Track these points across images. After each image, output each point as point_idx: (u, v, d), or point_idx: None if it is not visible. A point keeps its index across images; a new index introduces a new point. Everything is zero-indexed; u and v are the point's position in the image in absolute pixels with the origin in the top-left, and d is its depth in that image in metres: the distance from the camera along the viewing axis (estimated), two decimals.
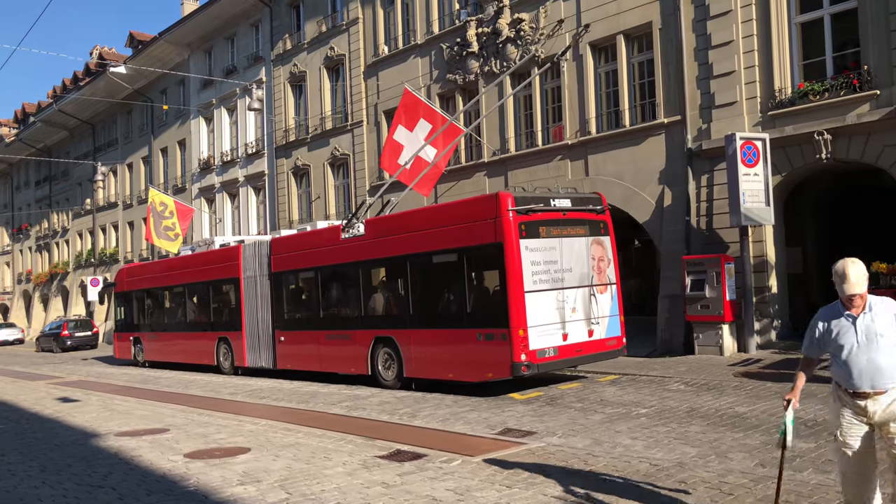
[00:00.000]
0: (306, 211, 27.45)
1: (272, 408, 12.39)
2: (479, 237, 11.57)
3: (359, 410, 11.47)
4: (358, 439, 8.98)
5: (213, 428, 10.39)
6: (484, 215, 11.49)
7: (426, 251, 12.67)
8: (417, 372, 12.95)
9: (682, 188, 15.63)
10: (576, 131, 17.87)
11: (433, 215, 12.77)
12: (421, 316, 12.93)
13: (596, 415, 9.69)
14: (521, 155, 19.21)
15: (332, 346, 14.98)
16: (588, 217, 12.32)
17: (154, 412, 12.46)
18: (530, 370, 11.12)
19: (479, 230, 11.54)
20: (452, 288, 12.51)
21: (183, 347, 20.49)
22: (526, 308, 11.10)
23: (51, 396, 15.84)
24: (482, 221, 11.51)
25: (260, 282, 17.09)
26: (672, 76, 15.92)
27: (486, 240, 11.44)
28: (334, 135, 25.64)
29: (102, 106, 42.10)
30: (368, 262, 14.07)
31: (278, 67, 28.19)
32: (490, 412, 10.45)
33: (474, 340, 11.66)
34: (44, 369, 24.33)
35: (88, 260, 44.79)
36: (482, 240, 11.51)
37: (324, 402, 12.65)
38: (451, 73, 20.98)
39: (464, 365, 11.95)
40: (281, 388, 14.90)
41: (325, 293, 15.41)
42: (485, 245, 11.50)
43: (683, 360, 13.95)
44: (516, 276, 11.09)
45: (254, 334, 17.39)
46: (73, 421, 11.91)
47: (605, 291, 12.33)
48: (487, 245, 11.45)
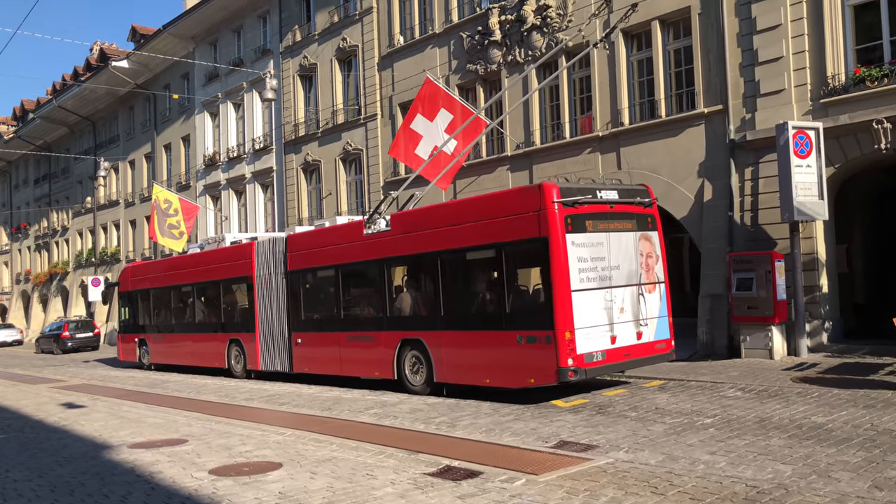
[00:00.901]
0: (316, 208, 26.63)
1: (295, 415, 11.56)
2: (519, 231, 10.75)
3: (390, 419, 10.64)
4: (399, 452, 8.16)
5: (236, 438, 9.56)
6: (526, 208, 10.67)
7: (459, 247, 11.85)
8: (449, 377, 12.13)
9: (724, 182, 14.82)
10: (607, 122, 17.05)
11: (467, 209, 11.94)
12: (453, 317, 12.11)
13: (657, 425, 8.87)
14: (547, 148, 18.39)
15: (354, 349, 14.15)
16: (635, 210, 11.50)
17: (167, 420, 11.63)
18: (577, 376, 10.29)
19: (521, 224, 10.72)
20: (489, 287, 11.69)
21: (191, 350, 19.66)
22: (573, 308, 10.27)
23: (54, 402, 15.02)
24: (524, 214, 10.68)
25: (275, 280, 16.26)
26: (713, 63, 15.11)
27: (528, 234, 10.62)
28: (346, 129, 24.82)
29: (103, 102, 41.31)
30: (394, 258, 13.24)
31: (287, 60, 27.37)
32: (536, 422, 9.63)
33: (514, 343, 10.84)
34: (45, 372, 23.50)
35: (89, 259, 43.95)
36: (523, 234, 10.69)
37: (349, 409, 11.82)
38: (472, 63, 20.16)
39: (502, 370, 11.12)
40: (300, 394, 14.08)
41: (346, 292, 14.58)
42: (526, 240, 10.67)
43: (731, 364, 13.13)
44: (562, 273, 10.27)
45: (268, 336, 16.56)
46: (81, 430, 11.08)
47: (653, 291, 11.51)
48: (530, 240, 10.62)
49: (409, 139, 16.95)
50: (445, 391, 12.37)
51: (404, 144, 16.96)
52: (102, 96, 40.69)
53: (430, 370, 12.40)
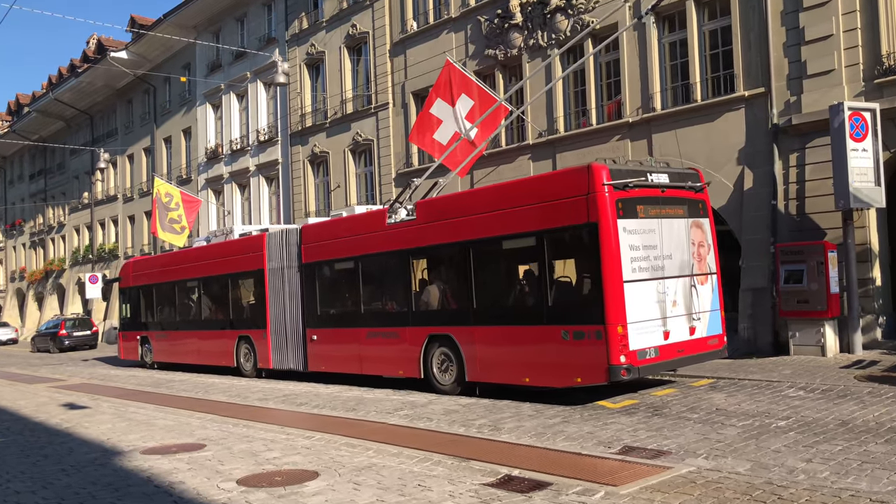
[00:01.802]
0: (324, 201, 25.73)
1: (318, 417, 10.68)
2: (565, 217, 9.89)
3: (423, 421, 9.78)
4: (447, 459, 7.29)
5: (259, 443, 8.68)
6: (572, 191, 9.81)
7: (494, 236, 10.98)
8: (482, 375, 11.27)
9: (767, 169, 13.99)
10: (637, 108, 16.21)
11: (504, 194, 11.07)
12: (487, 311, 11.25)
13: (727, 428, 8.02)
14: (571, 135, 17.54)
15: (376, 346, 13.28)
16: (687, 196, 10.66)
17: (179, 422, 10.75)
18: (630, 374, 9.44)
19: (566, 209, 9.86)
20: (528, 278, 10.84)
21: (197, 347, 18.75)
22: (625, 301, 9.42)
23: (55, 402, 14.12)
24: (570, 199, 9.82)
25: (288, 274, 15.37)
26: (753, 44, 14.27)
27: (574, 220, 9.76)
28: (356, 119, 23.92)
29: (101, 94, 40.32)
30: (420, 249, 12.37)
31: (293, 48, 26.46)
32: (589, 424, 8.78)
33: (558, 339, 9.98)
34: (42, 371, 22.57)
35: (86, 256, 42.95)
36: (569, 220, 9.83)
37: (375, 410, 10.95)
38: (491, 47, 19.30)
39: (544, 368, 10.27)
40: (318, 394, 13.20)
41: (366, 286, 13.70)
42: (573, 226, 9.82)
43: (780, 362, 12.30)
44: (614, 262, 9.42)
45: (280, 333, 15.67)
46: (87, 433, 10.19)
47: (705, 282, 10.68)
48: (576, 226, 9.77)
49: (428, 124, 16.09)
50: (478, 391, 11.50)
51: (424, 130, 16.09)
52: (100, 89, 39.73)
53: (461, 368, 11.54)
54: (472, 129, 14.91)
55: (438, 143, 16.06)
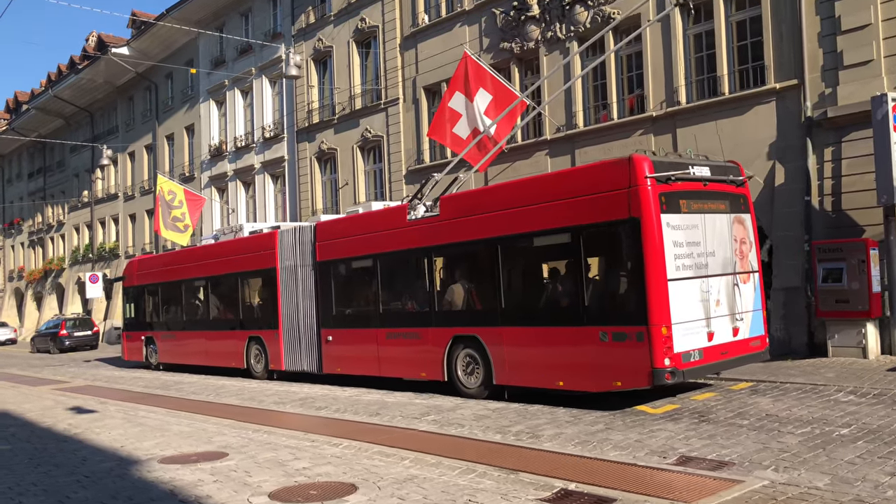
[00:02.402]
0: (331, 199, 25.18)
1: (341, 422, 10.14)
2: (603, 212, 9.37)
3: (454, 427, 9.24)
4: (492, 470, 6.77)
5: (285, 451, 8.14)
6: (611, 185, 9.29)
7: (525, 232, 10.46)
8: (511, 378, 10.74)
9: (800, 163, 13.49)
10: (661, 102, 15.69)
11: (536, 188, 10.54)
12: (516, 311, 10.73)
13: (786, 436, 7.51)
14: (591, 130, 17.02)
15: (396, 347, 12.75)
16: (728, 190, 10.15)
17: (195, 428, 10.21)
18: (674, 378, 8.92)
19: (605, 203, 9.34)
20: (562, 276, 10.31)
21: (205, 348, 18.19)
22: (669, 300, 8.90)
23: (60, 406, 13.57)
24: (609, 193, 9.30)
25: (302, 273, 14.83)
26: (785, 35, 13.77)
27: (614, 215, 9.24)
28: (365, 115, 23.38)
29: (101, 91, 39.72)
30: (444, 247, 11.84)
31: (300, 43, 25.90)
32: (634, 431, 8.25)
33: (595, 341, 9.46)
34: (44, 373, 22.00)
35: (86, 255, 42.34)
36: (608, 215, 9.31)
37: (401, 414, 10.41)
38: (506, 40, 18.78)
39: (579, 371, 9.74)
40: (336, 397, 12.66)
41: (385, 285, 13.16)
42: (612, 222, 9.30)
43: (820, 364, 11.80)
44: (657, 259, 8.90)
45: (293, 333, 15.13)
46: (98, 439, 9.65)
47: (748, 281, 10.17)
48: (616, 222, 9.24)
49: (447, 118, 15.56)
50: (507, 394, 10.97)
51: (443, 124, 15.56)
52: (100, 86, 39.12)
53: (489, 371, 11.02)
54: (492, 125, 14.37)
55: (458, 138, 15.56)
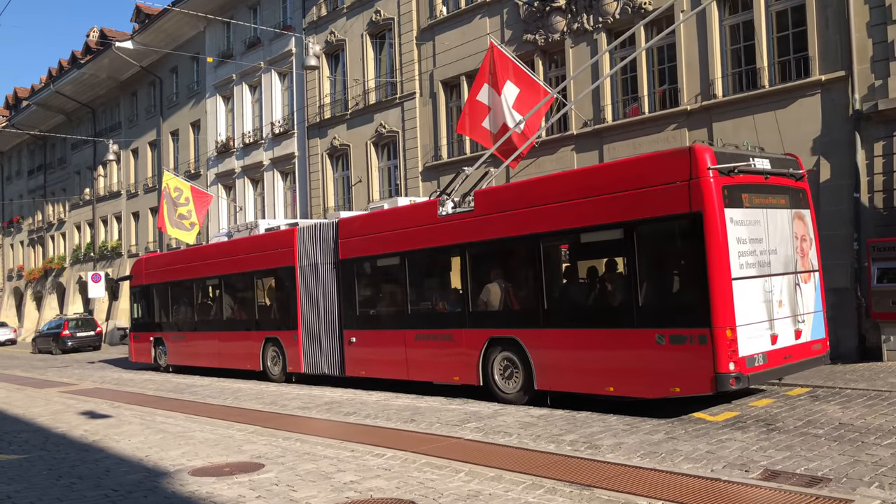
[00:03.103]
0: (344, 196, 24.58)
1: (376, 430, 9.54)
2: (660, 206, 8.79)
3: (501, 435, 8.66)
4: (561, 485, 6.19)
5: (325, 462, 7.56)
6: (669, 177, 8.72)
7: (570, 228, 9.88)
8: (555, 383, 10.16)
9: (847, 158, 12.93)
10: (695, 95, 15.13)
11: (583, 181, 9.97)
12: (560, 311, 10.16)
13: (873, 448, 6.95)
14: (621, 125, 16.45)
15: (425, 349, 12.17)
16: (788, 184, 9.60)
17: (219, 435, 9.61)
18: (739, 384, 8.36)
19: (662, 197, 8.77)
20: (612, 275, 9.74)
21: (218, 349, 17.58)
22: (734, 300, 8.33)
23: (71, 409, 12.97)
24: (666, 185, 8.73)
25: (323, 271, 14.24)
26: (831, 24, 13.21)
27: (672, 209, 8.67)
28: (379, 110, 22.79)
29: (104, 87, 39.07)
30: (479, 243, 11.25)
31: (311, 36, 25.26)
32: (701, 441, 7.68)
33: (651, 344, 8.88)
34: (49, 374, 21.38)
35: (87, 254, 41.68)
36: (666, 210, 8.74)
37: (438, 421, 9.81)
38: (529, 32, 18.20)
39: (632, 376, 9.16)
40: (363, 401, 12.07)
41: (414, 284, 12.59)
42: (671, 217, 8.73)
43: (877, 368, 11.26)
44: (721, 256, 8.33)
45: (314, 334, 14.54)
46: (118, 447, 9.05)
47: (809, 280, 9.61)
48: (675, 216, 8.67)
49: (476, 112, 14.98)
50: (549, 400, 10.39)
51: (472, 118, 14.97)
52: (103, 81, 38.47)
53: (529, 375, 10.44)
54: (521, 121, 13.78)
55: (487, 132, 14.96)
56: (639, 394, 9.19)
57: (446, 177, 19.90)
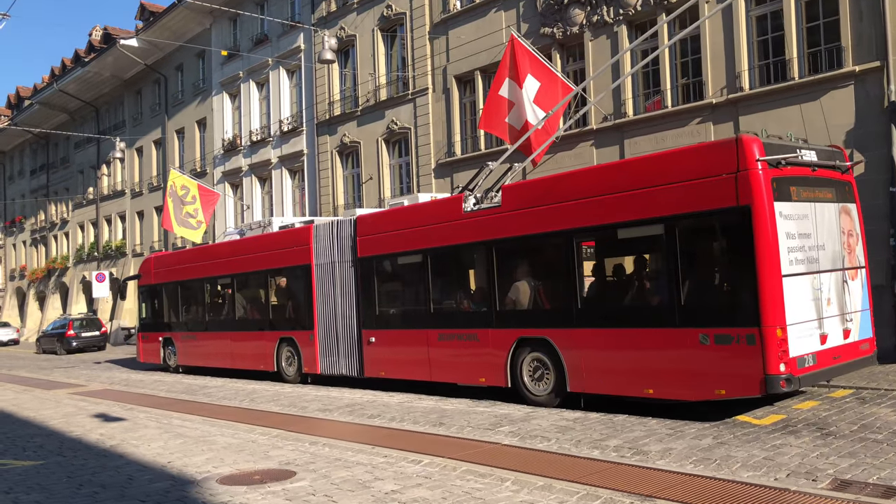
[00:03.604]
0: (353, 194, 24.19)
1: (404, 434, 9.14)
2: (704, 200, 8.40)
3: (538, 440, 8.27)
4: (620, 496, 5.82)
5: (360, 470, 7.17)
6: (714, 169, 8.33)
7: (607, 223, 9.48)
8: (589, 385, 9.77)
9: (883, 152, 12.56)
10: (721, 88, 14.74)
11: (620, 174, 9.57)
12: (596, 310, 9.76)
13: None
14: (642, 119, 16.06)
15: (449, 350, 11.78)
16: (835, 177, 9.22)
17: (242, 439, 9.23)
18: (790, 386, 7.97)
19: (707, 190, 8.38)
20: (652, 272, 9.37)
21: (230, 350, 17.19)
22: (783, 298, 7.94)
23: (84, 412, 12.60)
24: (711, 178, 8.34)
25: (340, 269, 13.86)
26: (865, 13, 12.83)
27: (718, 203, 8.28)
28: (391, 106, 22.40)
29: (108, 85, 38.67)
30: (508, 240, 10.86)
31: (326, 30, 24.86)
32: (755, 447, 7.28)
33: (694, 344, 8.49)
34: (55, 375, 20.99)
35: (91, 254, 41.30)
36: (711, 204, 8.35)
37: (469, 425, 9.42)
38: (547, 25, 17.80)
39: (673, 377, 8.77)
40: (386, 404, 11.68)
41: (437, 282, 12.20)
42: (716, 211, 8.34)
43: None
44: (771, 252, 7.95)
45: (330, 334, 14.16)
46: (139, 453, 8.66)
47: (856, 278, 9.23)
48: (721, 211, 8.28)
49: (497, 107, 14.60)
50: (583, 403, 10.00)
51: (494, 113, 14.58)
52: (107, 79, 38.08)
53: (562, 377, 10.05)
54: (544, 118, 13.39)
55: (512, 127, 14.57)
56: (680, 396, 8.80)
57: (460, 174, 19.59)
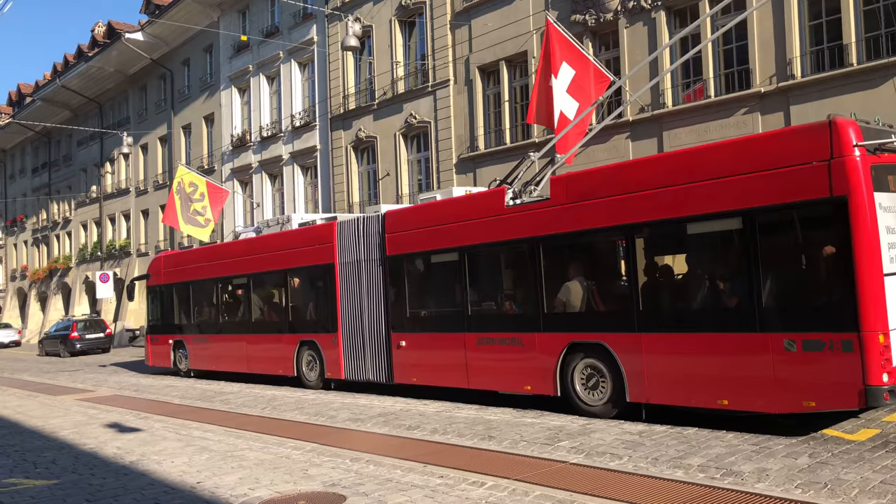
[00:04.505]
0: (369, 191, 23.38)
1: (452, 448, 8.28)
2: (791, 191, 7.58)
3: (607, 458, 7.40)
4: None
5: (419, 494, 6.35)
6: (803, 156, 7.51)
7: (674, 217, 8.65)
8: (651, 395, 8.95)
9: None
10: (770, 76, 13.93)
11: (689, 163, 8.72)
12: (659, 313, 8.96)
13: None
14: (683, 110, 15.28)
15: (489, 355, 10.96)
16: None
17: (274, 455, 8.40)
18: (894, 398, 7.13)
19: (794, 180, 7.56)
20: (727, 270, 8.54)
21: (246, 353, 16.37)
22: (885, 300, 7.11)
23: (95, 421, 11.77)
24: (800, 166, 7.51)
25: (367, 268, 13.05)
26: None
27: (808, 194, 7.46)
28: (410, 99, 21.59)
29: (112, 81, 37.92)
30: (557, 236, 10.04)
31: (334, 24, 24.10)
32: (864, 468, 6.45)
33: (777, 350, 7.67)
34: (60, 379, 20.17)
35: (94, 254, 40.53)
36: (799, 195, 7.52)
37: (521, 439, 8.55)
38: (578, 12, 17.03)
39: (753, 387, 7.94)
40: (422, 413, 10.84)
41: (475, 282, 11.38)
42: (805, 203, 7.51)
43: None
44: (871, 249, 7.13)
45: (356, 337, 13.35)
46: (162, 471, 7.82)
47: None
48: (811, 202, 7.46)
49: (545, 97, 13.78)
50: (644, 414, 9.17)
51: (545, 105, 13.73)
52: (110, 75, 37.33)
53: (620, 385, 9.23)
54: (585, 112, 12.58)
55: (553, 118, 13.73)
56: (760, 408, 7.97)
57: (484, 169, 18.80)
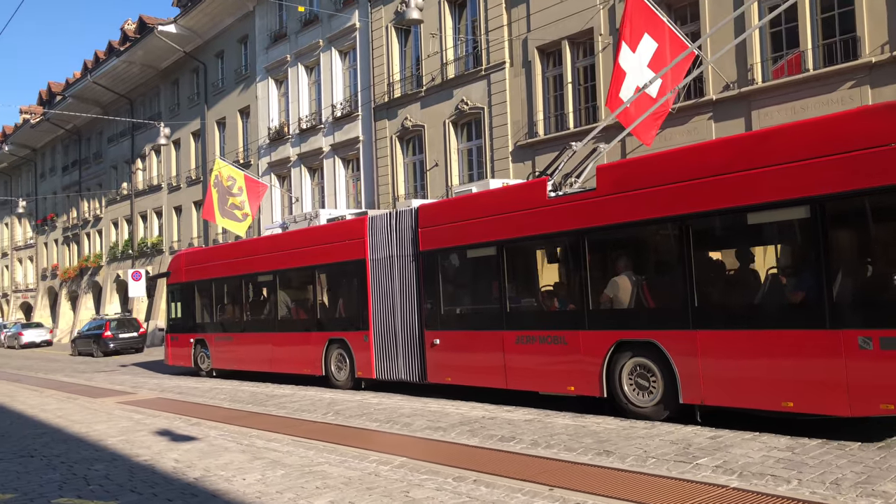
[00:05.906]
0: (416, 183, 23.51)
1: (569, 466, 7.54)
2: (867, 176, 7.54)
3: (770, 481, 6.56)
4: None
5: None
6: (879, 138, 7.43)
7: (733, 207, 8.64)
8: (707, 396, 8.89)
9: None
10: (882, 44, 13.58)
11: (750, 148, 8.64)
12: (717, 309, 8.97)
13: None
14: (775, 86, 15.08)
15: (530, 355, 11.05)
16: None
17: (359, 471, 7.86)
18: None
19: (868, 164, 7.51)
20: (792, 263, 8.54)
21: (271, 352, 16.66)
22: None
23: (143, 427, 11.61)
24: (875, 149, 7.42)
25: (399, 264, 13.21)
26: None
27: (884, 180, 7.34)
28: (461, 84, 21.66)
29: (143, 76, 38.90)
30: (603, 229, 10.06)
31: (378, 8, 24.37)
32: None
33: (850, 349, 7.61)
34: (96, 380, 20.64)
35: (125, 252, 41.64)
36: (878, 180, 7.44)
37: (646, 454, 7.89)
38: None
39: (821, 389, 7.88)
40: (465, 416, 10.82)
41: (514, 278, 11.54)
42: (883, 188, 7.42)
43: None
44: None
45: (388, 335, 13.53)
46: (235, 491, 7.33)
47: None
48: (886, 188, 7.30)
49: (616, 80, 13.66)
50: (699, 416, 9.01)
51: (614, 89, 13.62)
52: (142, 70, 38.39)
53: (672, 386, 9.19)
54: (653, 79, 12.42)
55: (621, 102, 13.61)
56: (831, 411, 7.88)
57: (542, 156, 18.72)
